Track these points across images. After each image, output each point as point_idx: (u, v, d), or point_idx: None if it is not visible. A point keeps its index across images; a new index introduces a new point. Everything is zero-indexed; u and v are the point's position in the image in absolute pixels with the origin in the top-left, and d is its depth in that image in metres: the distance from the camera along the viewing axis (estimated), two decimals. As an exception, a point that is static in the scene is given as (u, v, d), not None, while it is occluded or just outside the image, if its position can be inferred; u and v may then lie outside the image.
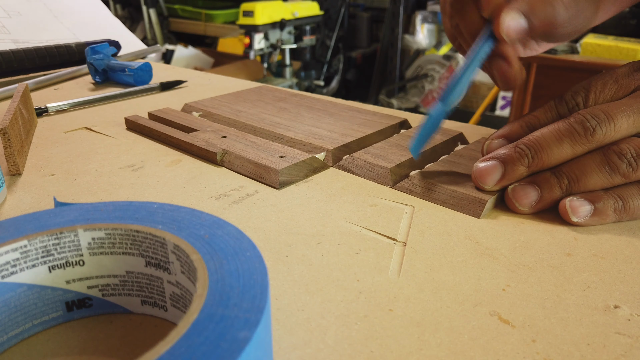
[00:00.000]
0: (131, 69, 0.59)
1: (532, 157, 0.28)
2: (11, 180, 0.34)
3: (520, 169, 0.29)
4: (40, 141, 0.41)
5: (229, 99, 0.50)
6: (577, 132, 0.27)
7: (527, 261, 0.25)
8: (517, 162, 0.29)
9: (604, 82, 0.29)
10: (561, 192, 0.28)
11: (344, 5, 2.66)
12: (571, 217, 0.27)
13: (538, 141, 0.28)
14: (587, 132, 0.27)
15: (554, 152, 0.28)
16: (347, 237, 0.27)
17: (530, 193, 0.28)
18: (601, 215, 0.27)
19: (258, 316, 0.15)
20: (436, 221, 0.29)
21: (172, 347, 0.14)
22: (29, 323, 0.20)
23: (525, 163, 0.28)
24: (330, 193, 0.32)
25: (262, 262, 0.18)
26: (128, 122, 0.44)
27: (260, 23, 2.11)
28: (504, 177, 0.29)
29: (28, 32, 0.74)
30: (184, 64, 2.40)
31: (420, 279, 0.23)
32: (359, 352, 0.19)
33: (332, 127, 0.41)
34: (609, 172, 0.27)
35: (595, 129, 0.27)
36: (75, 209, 0.21)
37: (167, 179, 0.34)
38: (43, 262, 0.19)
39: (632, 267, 0.24)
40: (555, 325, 0.20)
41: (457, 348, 0.19)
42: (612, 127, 0.27)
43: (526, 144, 0.29)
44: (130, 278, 0.21)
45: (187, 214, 0.21)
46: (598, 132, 0.27)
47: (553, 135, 0.28)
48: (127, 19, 2.81)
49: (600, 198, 0.27)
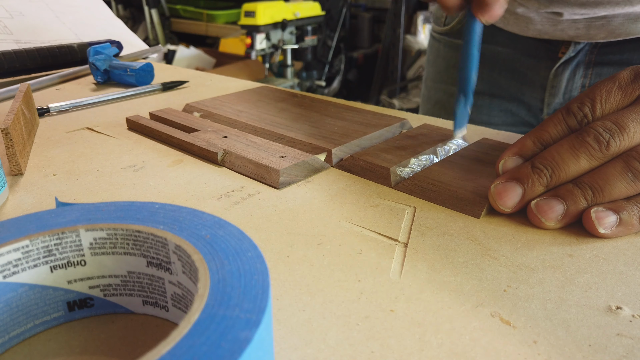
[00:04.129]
0: (133, 69, 0.59)
1: (550, 175, 0.28)
2: (13, 180, 0.34)
3: (539, 189, 0.28)
4: (42, 141, 0.41)
5: (230, 99, 0.50)
6: (592, 146, 0.27)
7: (529, 262, 0.25)
8: (536, 182, 0.28)
9: (607, 89, 0.29)
10: (586, 203, 0.27)
11: (346, 5, 2.66)
12: (598, 228, 0.27)
13: (554, 159, 0.28)
14: (601, 146, 0.27)
15: (571, 168, 0.28)
16: (348, 238, 0.27)
17: (556, 207, 0.27)
18: (627, 225, 0.27)
19: (259, 316, 0.15)
20: (437, 222, 0.29)
21: (173, 347, 0.14)
22: (30, 323, 0.20)
23: (544, 182, 0.28)
24: (331, 193, 0.32)
25: (264, 263, 0.18)
26: (129, 122, 0.44)
27: (261, 23, 2.11)
28: (524, 197, 0.28)
29: (30, 32, 0.74)
30: (186, 64, 2.41)
31: (421, 279, 0.23)
32: (360, 352, 0.19)
33: (332, 127, 0.41)
34: (632, 179, 0.27)
35: (609, 142, 0.27)
36: (76, 209, 0.21)
37: (168, 179, 0.34)
38: (45, 262, 0.19)
39: (634, 268, 0.24)
40: (556, 326, 0.20)
41: (458, 349, 0.19)
42: (625, 138, 0.27)
43: (543, 163, 0.28)
44: (132, 278, 0.21)
45: (189, 214, 0.21)
46: (612, 145, 0.27)
47: (568, 151, 0.28)
48: (129, 19, 2.81)
49: (623, 208, 0.27)
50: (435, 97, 0.68)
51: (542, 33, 0.53)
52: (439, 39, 0.66)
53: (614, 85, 0.29)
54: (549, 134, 0.29)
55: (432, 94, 0.69)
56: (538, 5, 0.51)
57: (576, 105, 0.29)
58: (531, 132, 0.30)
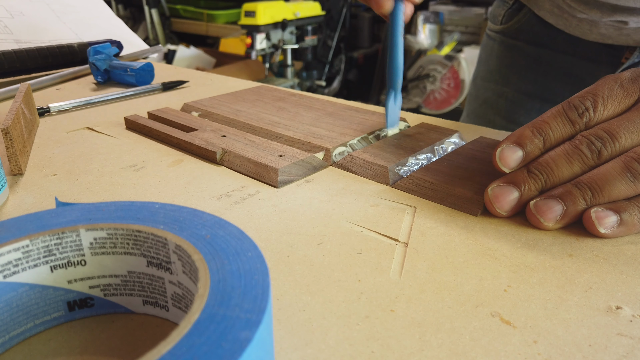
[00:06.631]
0: (133, 69, 0.59)
1: (545, 181, 0.29)
2: (13, 180, 0.34)
3: (535, 193, 0.29)
4: (42, 141, 0.41)
5: (228, 99, 0.50)
6: (585, 154, 0.28)
7: (529, 262, 0.25)
8: (532, 186, 0.29)
9: (610, 87, 0.29)
10: (585, 204, 0.28)
11: (346, 5, 2.66)
12: (598, 228, 0.27)
13: (549, 164, 0.29)
14: (593, 154, 0.28)
15: (565, 173, 0.29)
16: (348, 238, 0.27)
17: (555, 207, 0.28)
18: (628, 225, 0.27)
19: (259, 316, 0.15)
20: (437, 221, 0.29)
21: (173, 347, 0.14)
22: (30, 323, 0.20)
23: (539, 186, 0.29)
24: (331, 193, 0.32)
25: (264, 263, 0.18)
26: (128, 122, 0.44)
27: (262, 23, 2.11)
28: (520, 201, 0.29)
29: (30, 32, 0.74)
30: (186, 64, 2.41)
31: (421, 279, 0.23)
32: (360, 352, 0.19)
33: (330, 126, 0.41)
34: (631, 180, 0.27)
35: (600, 150, 0.28)
36: (77, 209, 0.21)
37: (168, 179, 0.34)
38: (45, 262, 0.19)
39: (634, 268, 0.24)
40: (557, 326, 0.20)
41: (459, 349, 0.19)
42: (616, 146, 0.28)
43: (538, 168, 0.29)
44: (132, 278, 0.21)
45: (189, 214, 0.21)
46: (604, 153, 0.28)
47: (562, 158, 0.29)
48: (129, 19, 2.81)
49: (625, 208, 0.27)
50: (484, 96, 0.67)
51: (606, 37, 0.52)
52: (493, 38, 0.65)
53: (616, 84, 0.29)
54: (549, 125, 0.29)
55: (481, 93, 0.68)
56: (601, 15, 0.50)
57: (578, 99, 0.30)
58: (531, 123, 0.30)
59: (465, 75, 2.37)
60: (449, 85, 2.44)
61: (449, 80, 2.44)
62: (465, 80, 2.37)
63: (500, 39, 0.64)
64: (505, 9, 0.62)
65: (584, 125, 0.29)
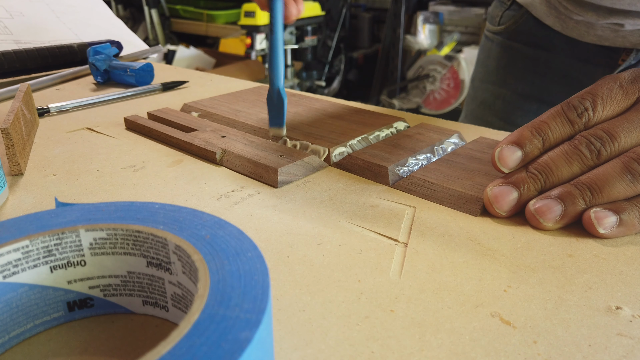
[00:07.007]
0: (133, 69, 0.59)
1: (544, 181, 0.29)
2: (13, 180, 0.34)
3: (535, 193, 0.29)
4: (42, 141, 0.41)
5: (228, 99, 0.50)
6: (584, 154, 0.28)
7: (529, 262, 0.25)
8: (532, 186, 0.29)
9: (609, 87, 0.29)
10: (585, 204, 0.28)
11: (346, 5, 2.66)
12: (597, 229, 0.27)
13: (548, 165, 0.29)
14: (592, 155, 0.28)
15: (564, 173, 0.29)
16: (348, 238, 0.27)
17: (554, 207, 0.28)
18: (627, 226, 0.27)
19: (259, 317, 0.15)
20: (437, 222, 0.29)
21: (173, 347, 0.14)
22: (30, 323, 0.20)
23: (538, 187, 0.29)
24: (331, 193, 0.32)
25: (264, 263, 0.18)
26: (127, 122, 0.44)
27: (261, 23, 2.11)
28: (519, 201, 0.29)
29: (30, 32, 0.74)
30: (186, 64, 2.41)
31: (421, 279, 0.23)
32: (360, 352, 0.19)
33: (330, 126, 0.41)
34: (631, 180, 0.27)
35: (600, 150, 0.28)
36: (76, 209, 0.21)
37: (168, 180, 0.34)
38: (45, 262, 0.19)
39: (634, 268, 0.24)
40: (556, 326, 0.20)
41: (458, 349, 0.19)
42: (615, 146, 0.28)
43: (537, 169, 0.29)
44: (132, 278, 0.21)
45: (189, 214, 0.21)
46: (603, 153, 0.28)
47: (562, 158, 0.29)
48: (129, 20, 2.81)
49: (624, 208, 0.27)
50: (481, 97, 0.67)
51: (603, 39, 0.52)
52: (492, 39, 0.65)
53: (615, 84, 0.29)
54: (548, 125, 0.30)
55: (479, 94, 0.68)
56: (597, 17, 0.50)
57: (577, 99, 0.30)
58: (530, 123, 0.30)
59: (465, 75, 2.37)
60: (449, 86, 2.45)
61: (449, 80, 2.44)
62: (465, 80, 2.37)
63: (497, 40, 0.64)
64: (503, 10, 0.62)
65: (583, 125, 0.29)
